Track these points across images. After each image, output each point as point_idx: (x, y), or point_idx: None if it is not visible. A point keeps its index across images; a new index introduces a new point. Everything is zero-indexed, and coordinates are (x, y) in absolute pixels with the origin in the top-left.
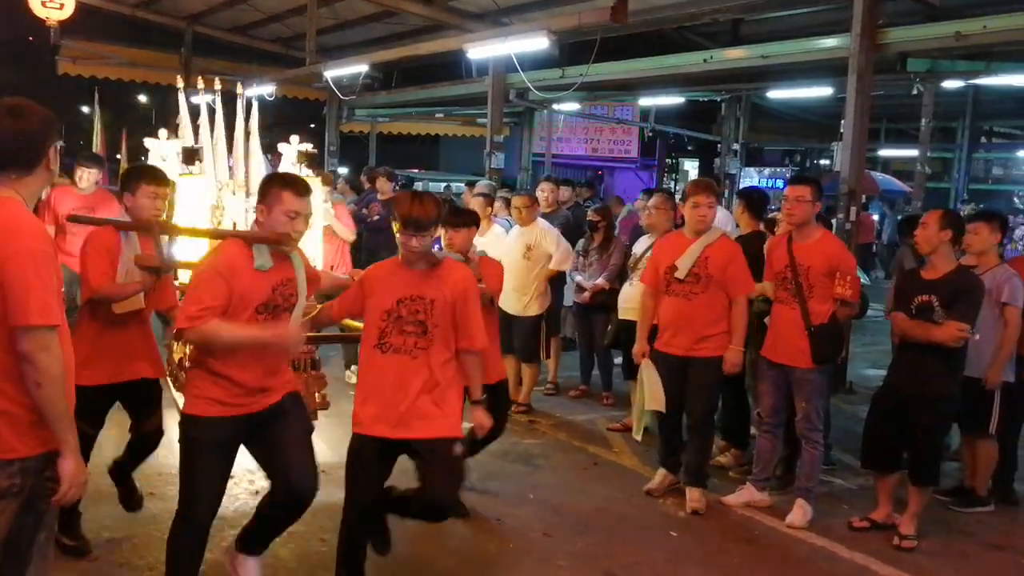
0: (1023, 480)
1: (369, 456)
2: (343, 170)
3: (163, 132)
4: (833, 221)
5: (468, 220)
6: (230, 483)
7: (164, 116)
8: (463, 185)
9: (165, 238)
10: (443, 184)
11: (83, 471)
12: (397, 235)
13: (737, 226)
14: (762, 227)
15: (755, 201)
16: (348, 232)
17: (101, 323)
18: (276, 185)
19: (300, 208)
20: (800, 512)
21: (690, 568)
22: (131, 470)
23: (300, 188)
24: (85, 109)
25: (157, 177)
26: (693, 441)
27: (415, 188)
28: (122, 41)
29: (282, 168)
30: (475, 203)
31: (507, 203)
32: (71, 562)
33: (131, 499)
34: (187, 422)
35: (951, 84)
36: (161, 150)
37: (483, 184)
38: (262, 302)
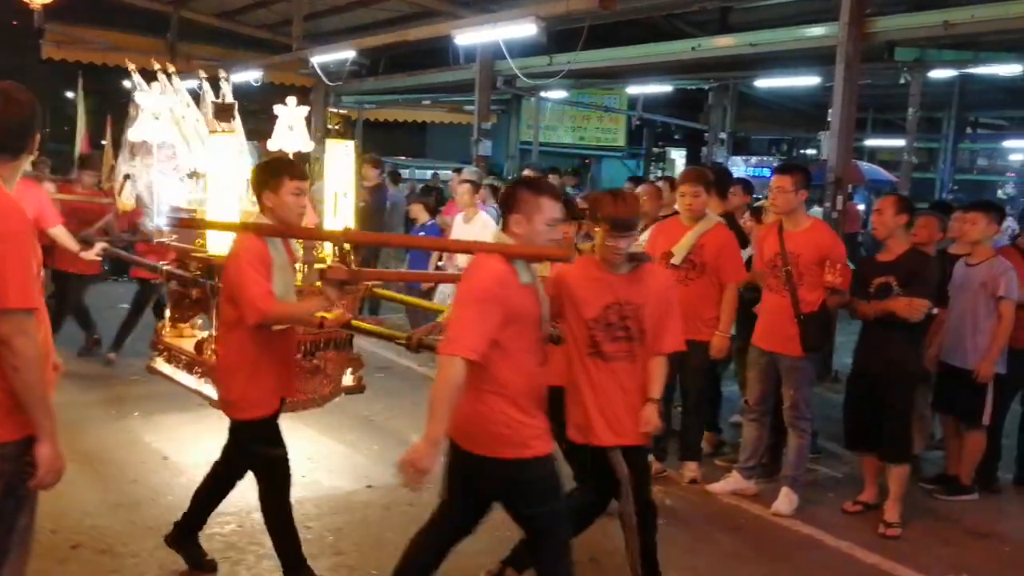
0: (1007, 468)
1: (600, 465)
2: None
3: (156, 86)
4: (819, 210)
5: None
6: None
7: None
8: (451, 172)
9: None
10: (430, 171)
11: (60, 457)
12: (597, 237)
13: None
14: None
15: (720, 182)
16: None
17: (259, 345)
18: (529, 191)
19: (560, 214)
20: (786, 500)
21: (676, 555)
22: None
23: (555, 192)
24: (69, 94)
25: (301, 171)
26: (689, 420)
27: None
28: (107, 25)
29: (277, 132)
30: (462, 190)
31: (494, 191)
32: (53, 550)
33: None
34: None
35: (938, 74)
36: (154, 107)
37: (470, 171)
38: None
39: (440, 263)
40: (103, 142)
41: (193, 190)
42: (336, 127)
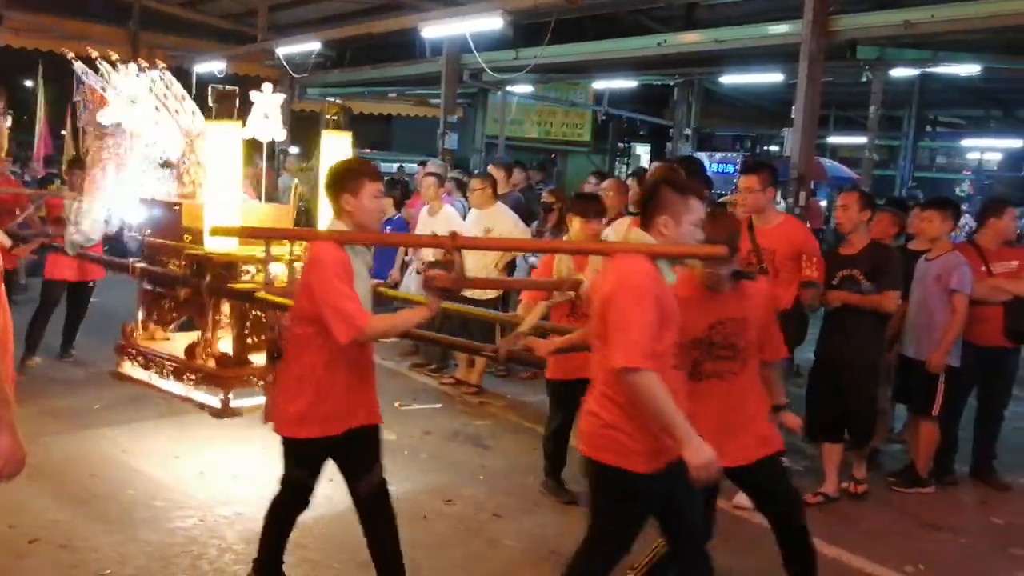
0: (964, 461)
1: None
2: (294, 149)
3: (133, 66)
4: (783, 205)
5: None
6: (175, 462)
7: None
8: (416, 166)
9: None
10: (395, 164)
11: (20, 447)
12: (700, 264)
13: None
14: None
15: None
16: None
17: (338, 359)
18: (677, 193)
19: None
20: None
21: (635, 549)
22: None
23: (700, 192)
24: (28, 83)
25: (379, 173)
26: None
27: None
28: (68, 14)
29: (252, 120)
30: (427, 183)
31: (459, 184)
32: (11, 545)
33: None
34: (624, 477)
35: (899, 73)
36: (129, 91)
37: (435, 164)
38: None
39: (406, 257)
40: (63, 132)
41: (165, 180)
42: (334, 118)
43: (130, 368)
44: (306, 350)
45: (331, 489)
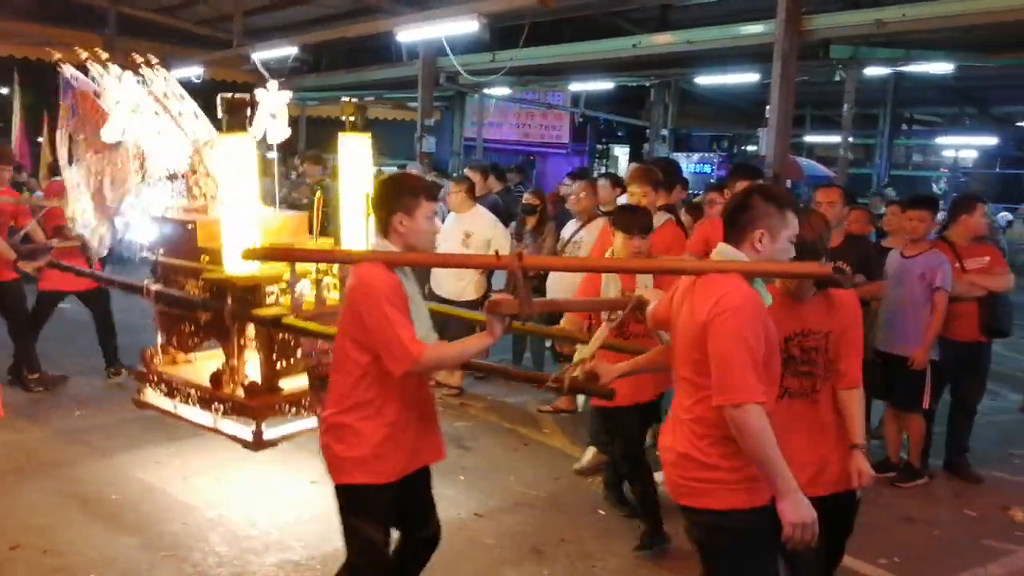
0: (938, 455)
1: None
2: (271, 154)
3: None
4: None
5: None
6: (157, 467)
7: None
8: (394, 169)
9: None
10: (375, 168)
11: None
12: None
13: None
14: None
15: (666, 174)
16: None
17: (395, 397)
18: (775, 205)
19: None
20: None
21: (616, 544)
22: None
23: (797, 205)
24: (3, 90)
25: (435, 192)
26: None
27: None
28: (43, 20)
29: (258, 120)
30: None
31: (436, 187)
32: None
33: None
34: (735, 518)
35: (873, 71)
36: (130, 100)
37: (413, 167)
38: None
39: None
40: (39, 139)
41: (173, 194)
42: (351, 119)
43: (152, 396)
44: (358, 386)
45: (313, 491)
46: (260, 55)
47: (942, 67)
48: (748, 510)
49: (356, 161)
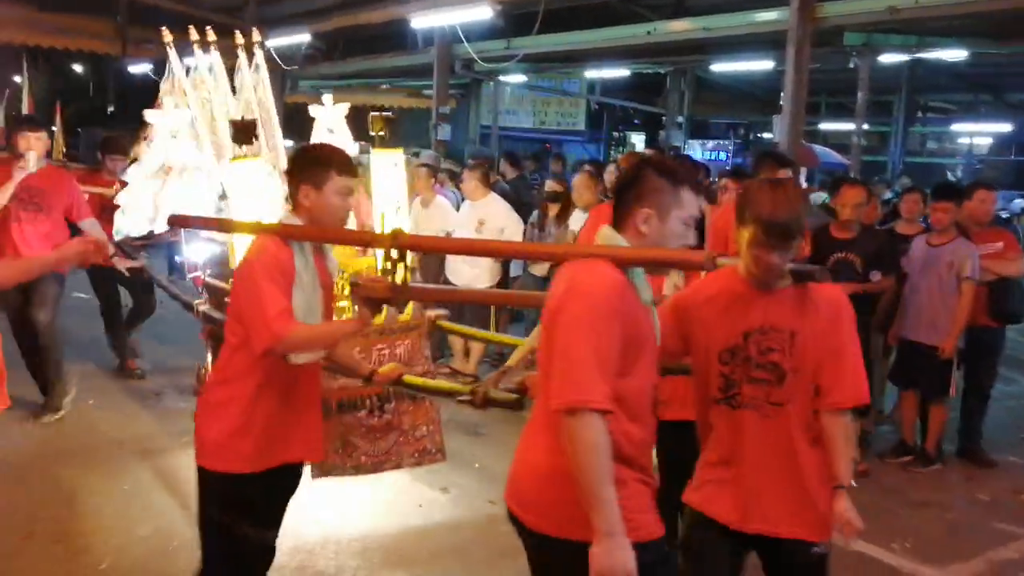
0: (950, 440)
1: (713, 546)
2: (288, 143)
3: (168, 100)
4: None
5: None
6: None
7: (101, 86)
8: (411, 158)
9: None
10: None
11: None
12: (745, 245)
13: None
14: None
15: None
16: None
17: (266, 379)
18: (666, 179)
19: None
20: None
21: None
22: None
23: (696, 183)
24: (17, 78)
25: (352, 167)
26: None
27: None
28: (54, 8)
29: (315, 136)
30: (419, 174)
31: (451, 175)
32: (5, 540)
33: None
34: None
35: (887, 59)
36: (170, 124)
37: (427, 155)
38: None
39: None
40: (53, 128)
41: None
42: (380, 134)
43: None
44: (236, 352)
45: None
46: (273, 42)
47: (956, 54)
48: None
49: (388, 180)
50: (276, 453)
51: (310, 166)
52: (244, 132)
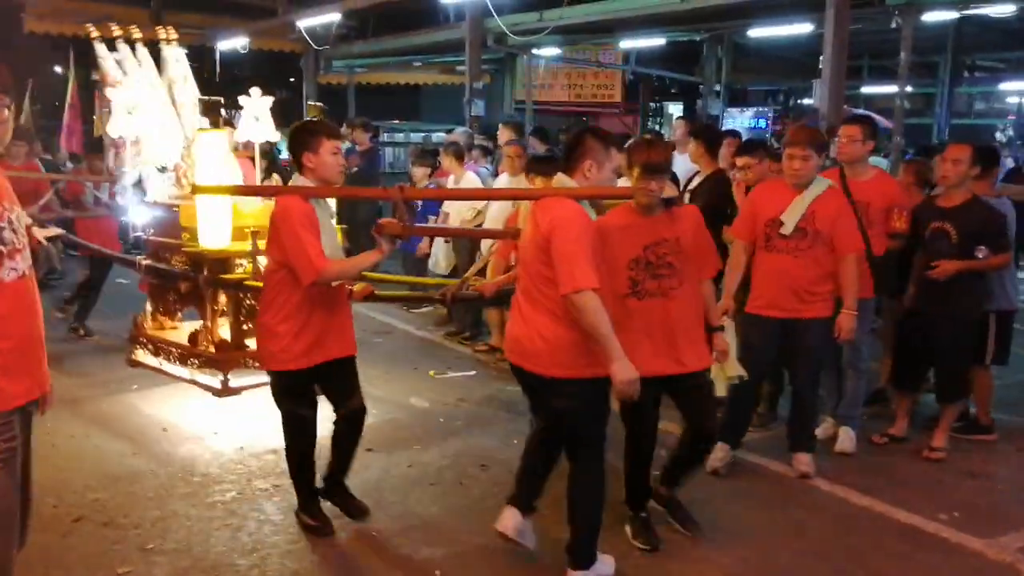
0: (1003, 408)
1: (647, 396)
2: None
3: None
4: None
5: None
6: (214, 439)
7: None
8: (443, 135)
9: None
10: (422, 134)
11: None
12: (634, 182)
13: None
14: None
15: (712, 139)
16: None
17: (307, 303)
18: (600, 141)
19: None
20: (848, 439)
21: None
22: (342, 474)
23: (619, 143)
24: (57, 68)
25: (337, 131)
26: (799, 405)
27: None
28: None
29: (243, 123)
30: (446, 155)
31: (484, 151)
32: (56, 524)
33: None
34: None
35: (931, 17)
36: (126, 101)
37: (460, 131)
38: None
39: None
40: (94, 116)
41: (166, 184)
42: (318, 118)
43: (142, 355)
44: (280, 293)
45: (368, 458)
46: (305, 22)
47: (1004, 8)
48: (593, 379)
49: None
50: (321, 353)
51: (306, 136)
52: (211, 109)
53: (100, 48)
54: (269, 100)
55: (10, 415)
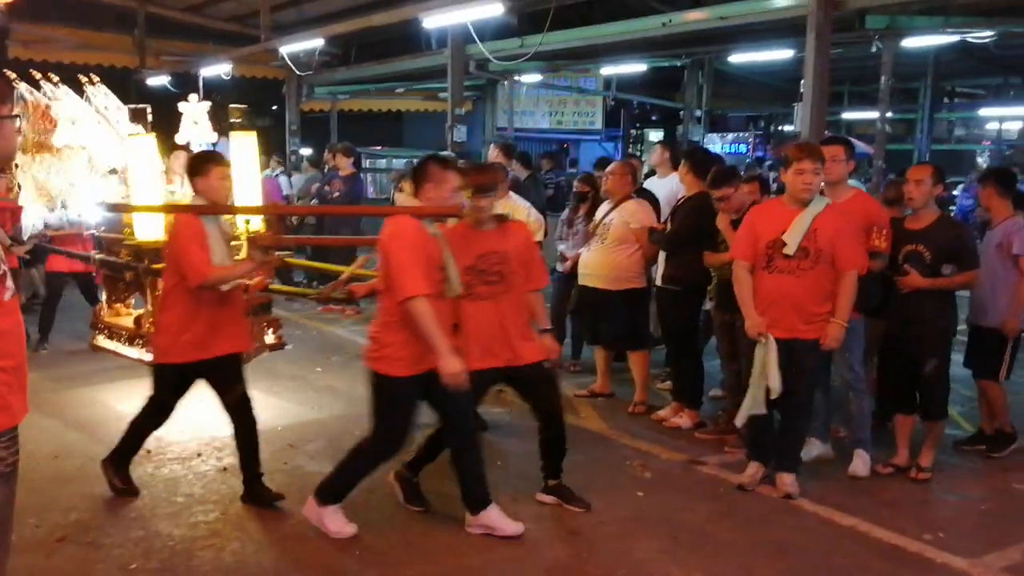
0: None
1: (479, 389)
2: (306, 151)
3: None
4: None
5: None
6: (197, 461)
7: (122, 99)
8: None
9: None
10: (405, 160)
11: None
12: (467, 201)
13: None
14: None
15: (700, 161)
16: None
17: (196, 304)
18: (439, 166)
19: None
20: (861, 461)
21: (654, 525)
22: (253, 473)
23: (457, 167)
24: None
25: (225, 160)
26: (790, 426)
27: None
28: (76, 24)
29: (183, 127)
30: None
31: None
32: (39, 544)
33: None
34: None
35: (911, 43)
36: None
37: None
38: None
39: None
40: None
41: (115, 186)
42: (238, 120)
43: (101, 340)
44: (171, 292)
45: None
46: (287, 49)
47: (983, 35)
48: (399, 378)
49: (243, 158)
50: (209, 349)
51: (200, 164)
52: (138, 115)
53: (22, 85)
54: (206, 105)
55: (15, 430)
